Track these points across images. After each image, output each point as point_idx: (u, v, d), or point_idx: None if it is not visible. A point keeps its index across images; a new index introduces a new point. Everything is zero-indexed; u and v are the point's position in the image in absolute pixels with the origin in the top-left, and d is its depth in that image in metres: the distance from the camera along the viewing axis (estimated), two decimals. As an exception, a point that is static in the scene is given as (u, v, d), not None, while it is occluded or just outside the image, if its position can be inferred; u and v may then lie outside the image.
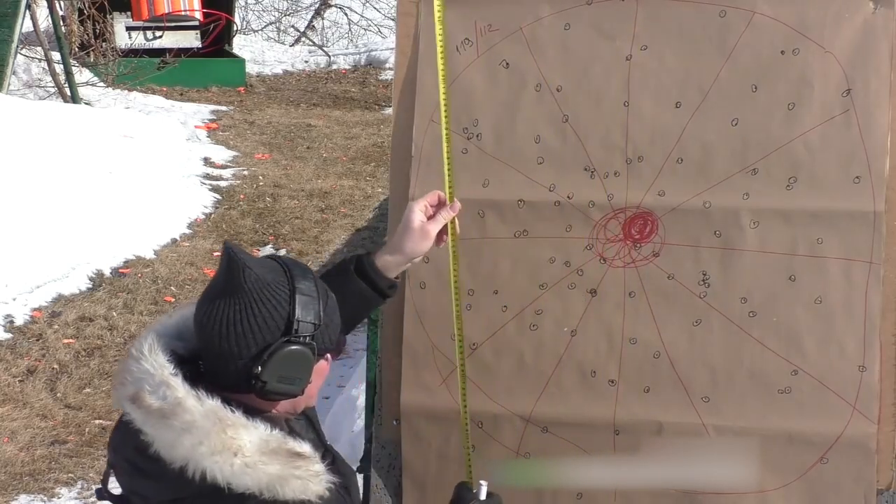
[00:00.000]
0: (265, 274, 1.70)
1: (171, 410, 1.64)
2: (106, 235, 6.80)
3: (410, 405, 2.34)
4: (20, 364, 5.27)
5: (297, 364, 1.70)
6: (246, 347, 1.68)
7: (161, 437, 1.65)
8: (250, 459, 1.63)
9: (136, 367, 1.70)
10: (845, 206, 2.16)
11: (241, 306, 1.68)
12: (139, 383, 1.68)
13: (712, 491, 2.20)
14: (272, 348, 1.68)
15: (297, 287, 1.71)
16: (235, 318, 1.68)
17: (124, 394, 1.70)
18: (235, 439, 1.64)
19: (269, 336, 1.68)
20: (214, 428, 1.64)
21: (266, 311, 1.68)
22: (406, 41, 2.39)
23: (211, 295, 1.71)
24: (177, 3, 11.93)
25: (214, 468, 1.62)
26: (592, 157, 2.28)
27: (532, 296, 2.29)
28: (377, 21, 17.43)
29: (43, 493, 4.25)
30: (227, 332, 1.68)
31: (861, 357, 2.15)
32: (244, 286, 1.68)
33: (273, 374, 1.68)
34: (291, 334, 1.69)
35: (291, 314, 1.69)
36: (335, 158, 9.45)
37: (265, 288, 1.69)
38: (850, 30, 2.16)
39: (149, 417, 1.66)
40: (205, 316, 1.70)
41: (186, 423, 1.63)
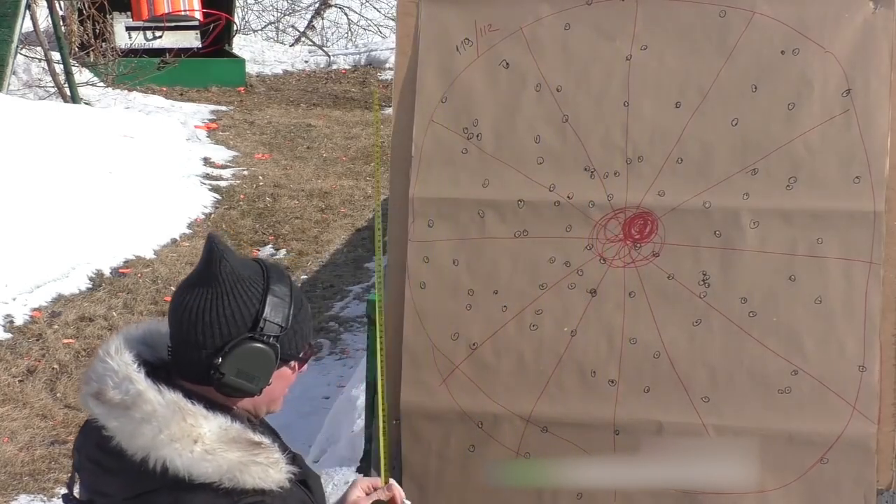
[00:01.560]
0: (242, 269, 1.73)
1: (132, 402, 1.67)
2: (106, 235, 6.80)
3: (410, 405, 2.34)
4: (20, 364, 5.26)
5: (257, 362, 1.72)
6: (211, 337, 1.70)
7: (122, 428, 1.67)
8: (210, 446, 1.65)
9: (102, 366, 1.72)
10: (845, 206, 2.16)
11: (212, 296, 1.71)
12: (103, 380, 1.71)
13: (712, 491, 2.20)
14: (235, 342, 1.70)
15: (271, 288, 1.73)
16: (205, 306, 1.71)
17: (88, 391, 1.72)
18: (195, 427, 1.66)
19: (235, 330, 1.70)
20: (175, 417, 1.66)
21: (235, 304, 1.71)
22: (406, 41, 2.39)
23: (187, 283, 1.75)
24: (177, 3, 11.92)
25: (174, 455, 1.64)
26: (592, 157, 2.28)
27: (532, 296, 2.29)
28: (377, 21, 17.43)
29: (43, 493, 4.25)
30: (195, 320, 1.70)
31: (861, 357, 2.15)
32: (219, 277, 1.71)
33: (232, 367, 1.70)
34: (256, 331, 1.71)
35: (260, 312, 1.71)
36: (335, 158, 9.45)
37: (239, 282, 1.72)
38: (850, 30, 2.16)
39: (112, 411, 1.68)
40: (178, 302, 1.73)
41: (147, 413, 1.66)
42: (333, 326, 6.14)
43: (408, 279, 2.34)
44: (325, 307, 6.38)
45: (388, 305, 2.37)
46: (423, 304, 2.33)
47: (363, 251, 7.26)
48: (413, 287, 2.34)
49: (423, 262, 2.32)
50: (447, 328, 2.31)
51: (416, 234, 2.34)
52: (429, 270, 2.33)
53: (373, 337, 2.46)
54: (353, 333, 6.03)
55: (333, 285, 6.71)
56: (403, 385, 2.34)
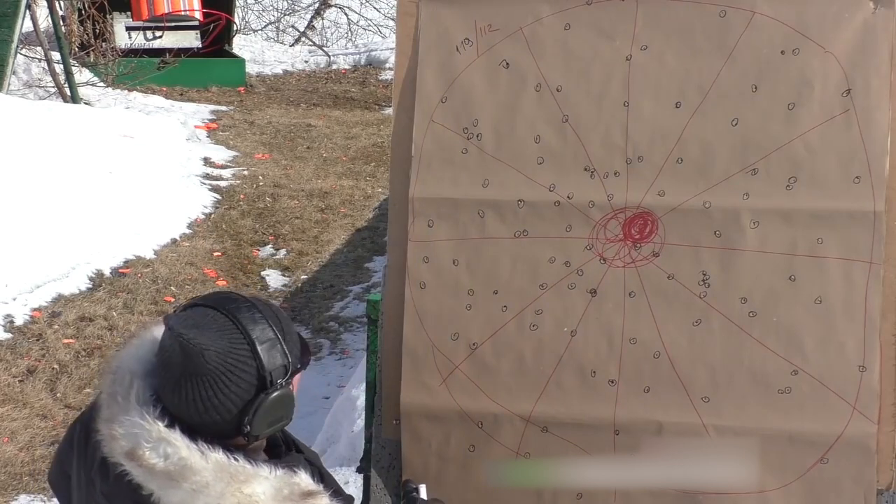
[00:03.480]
0: (219, 343, 1.65)
1: (178, 472, 1.61)
2: (106, 235, 6.80)
3: (410, 405, 2.34)
4: (20, 364, 5.27)
5: (281, 406, 1.69)
6: (227, 412, 1.66)
7: (169, 497, 1.62)
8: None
9: (127, 419, 1.65)
10: (845, 206, 2.16)
11: (210, 383, 1.64)
12: (134, 439, 1.64)
13: (712, 491, 2.20)
14: (255, 405, 1.65)
15: (255, 338, 1.66)
16: (208, 394, 1.64)
17: (118, 449, 1.65)
18: (251, 496, 1.62)
19: (247, 395, 1.66)
20: (229, 488, 1.61)
21: (236, 377, 1.65)
22: (406, 41, 2.39)
23: (174, 381, 1.66)
24: (177, 3, 11.92)
25: None
26: (592, 157, 2.28)
27: (532, 296, 2.29)
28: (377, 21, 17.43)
29: (43, 493, 4.25)
30: (206, 408, 1.65)
31: (861, 357, 2.15)
32: (207, 366, 1.63)
33: (262, 423, 1.67)
34: (267, 387, 1.66)
35: (261, 369, 1.66)
36: (335, 158, 9.45)
37: (228, 356, 1.64)
38: (850, 30, 2.16)
39: (152, 477, 1.62)
40: (179, 405, 1.65)
41: (198, 484, 1.61)
42: (333, 326, 6.15)
43: (408, 279, 2.34)
44: (325, 307, 6.39)
45: (387, 305, 2.37)
46: (423, 304, 2.33)
47: (363, 251, 7.26)
48: (413, 287, 2.34)
49: (423, 262, 2.32)
50: (447, 328, 2.31)
51: (416, 234, 2.34)
52: (429, 270, 2.33)
53: (373, 337, 2.46)
54: (353, 333, 6.03)
55: (333, 285, 6.71)
56: (403, 385, 2.34)
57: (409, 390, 2.34)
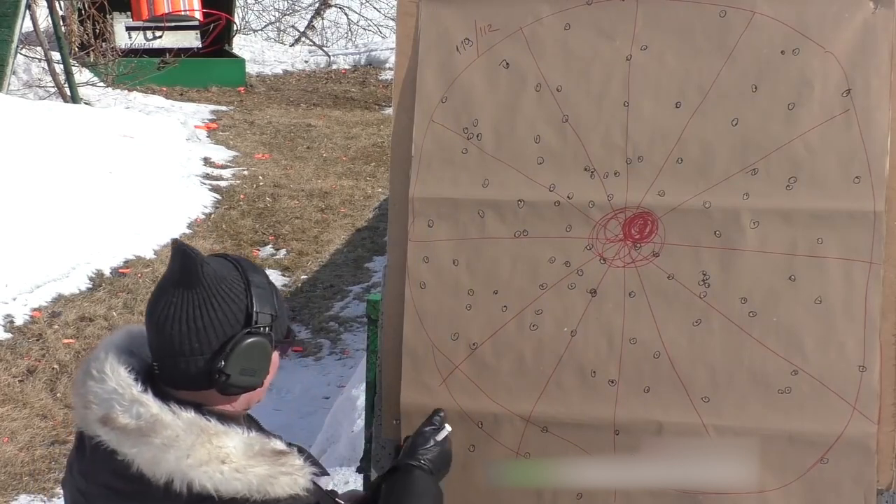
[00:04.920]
0: (219, 269, 1.71)
1: (149, 428, 1.63)
2: (106, 235, 6.80)
3: (410, 405, 2.34)
4: (20, 364, 5.27)
5: (257, 355, 1.71)
6: (207, 342, 1.68)
7: (142, 455, 1.64)
8: (238, 464, 1.64)
9: (101, 388, 1.68)
10: (845, 206, 2.16)
11: (200, 301, 1.68)
12: (107, 404, 1.67)
13: (712, 491, 2.20)
14: (234, 340, 1.68)
15: (251, 280, 1.72)
16: (195, 313, 1.68)
17: (92, 416, 1.68)
18: (221, 447, 1.64)
19: (230, 329, 1.69)
20: (199, 439, 1.64)
21: (226, 304, 1.69)
22: (406, 41, 2.39)
23: (167, 293, 1.70)
24: (177, 3, 11.92)
25: (203, 478, 1.62)
26: (592, 157, 2.28)
27: (532, 296, 2.29)
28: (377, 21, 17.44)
29: (43, 493, 4.25)
30: (188, 329, 1.67)
31: (861, 357, 2.15)
32: (203, 281, 1.68)
33: (236, 366, 1.69)
34: (252, 326, 1.70)
35: (250, 306, 1.70)
36: (335, 158, 9.45)
37: (222, 282, 1.70)
38: (850, 30, 2.16)
39: (125, 437, 1.65)
40: (162, 315, 1.69)
41: (168, 438, 1.63)
42: (333, 326, 6.15)
43: (408, 279, 2.34)
44: (325, 307, 6.39)
45: (387, 305, 2.37)
46: (423, 304, 2.33)
47: (363, 251, 7.26)
48: (413, 287, 2.34)
49: (423, 262, 2.32)
50: (447, 328, 2.31)
51: (416, 234, 2.34)
52: (429, 270, 2.33)
53: (373, 337, 2.46)
54: (353, 333, 6.03)
55: (333, 285, 6.71)
56: (403, 385, 2.34)
57: (409, 390, 2.34)
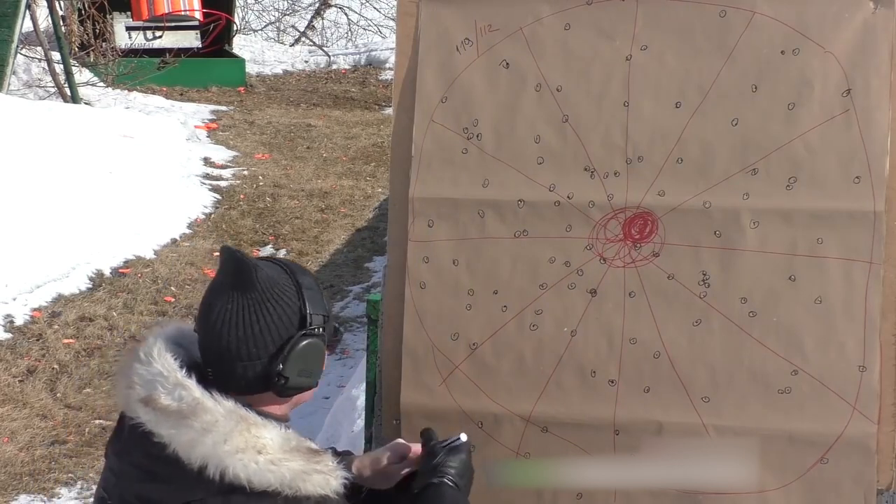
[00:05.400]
0: (271, 273, 1.73)
1: (190, 410, 1.65)
2: (106, 235, 6.80)
3: (410, 405, 2.34)
4: (20, 364, 5.26)
5: (313, 356, 1.74)
6: (264, 347, 1.70)
7: (180, 437, 1.65)
8: (274, 456, 1.66)
9: (146, 370, 1.70)
10: (845, 206, 2.16)
11: (255, 305, 1.70)
12: (151, 385, 1.69)
13: (712, 491, 2.20)
14: (291, 343, 1.70)
15: (301, 282, 1.74)
16: (252, 318, 1.69)
17: (134, 396, 1.70)
18: (259, 438, 1.66)
19: (286, 332, 1.71)
20: (238, 427, 1.66)
21: (280, 308, 1.71)
22: (406, 41, 2.39)
23: (221, 298, 1.72)
24: (177, 3, 11.92)
25: (238, 466, 1.63)
26: (592, 157, 2.28)
27: (532, 296, 2.29)
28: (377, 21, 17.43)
29: (43, 493, 4.25)
30: (245, 334, 1.69)
31: (861, 357, 2.15)
32: (257, 285, 1.70)
33: (294, 368, 1.71)
34: (307, 327, 1.72)
35: (303, 308, 1.72)
36: (335, 158, 9.45)
37: (276, 285, 1.72)
38: (850, 30, 2.16)
39: (165, 419, 1.66)
40: (219, 321, 1.70)
41: (208, 422, 1.65)
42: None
43: (408, 279, 2.34)
44: (325, 307, 6.38)
45: (387, 305, 2.37)
46: (423, 304, 2.33)
47: (363, 251, 7.26)
48: (413, 287, 2.34)
49: (423, 262, 2.32)
50: (447, 328, 2.31)
51: (416, 234, 2.34)
52: (429, 270, 2.33)
53: (373, 337, 2.46)
54: (353, 333, 6.02)
55: (333, 285, 6.71)
56: (403, 385, 2.34)
57: (409, 390, 2.34)
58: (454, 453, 1.93)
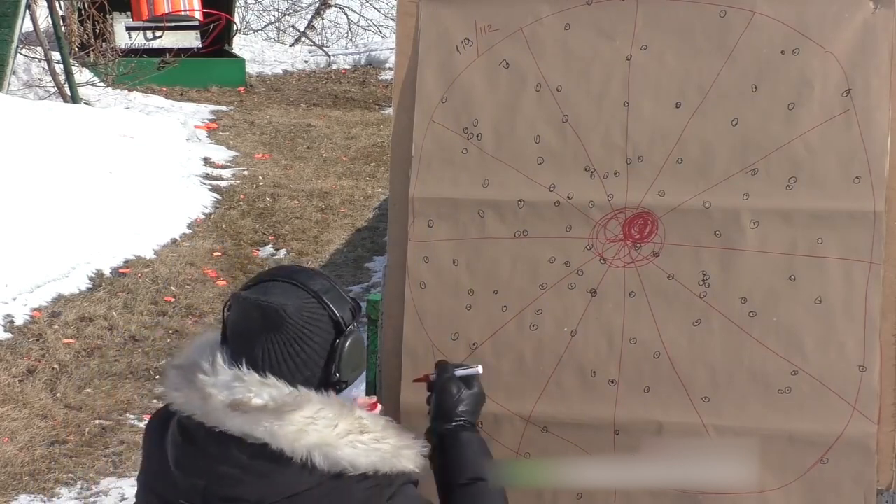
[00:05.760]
0: (291, 300, 1.75)
1: (295, 404, 1.69)
2: (106, 235, 6.79)
3: (410, 405, 2.34)
4: (20, 364, 5.26)
5: (357, 350, 1.81)
6: (315, 366, 1.76)
7: (283, 431, 1.68)
8: (374, 435, 1.73)
9: (219, 379, 1.72)
10: (845, 206, 2.16)
11: (294, 337, 1.74)
12: (235, 390, 1.71)
13: (712, 491, 2.20)
14: (336, 352, 1.76)
15: (317, 290, 1.78)
16: (295, 349, 1.74)
17: (215, 405, 1.71)
18: (361, 419, 1.74)
19: (327, 345, 1.77)
20: (342, 411, 1.72)
21: (315, 327, 1.76)
22: (406, 41, 2.39)
23: (259, 344, 1.74)
24: (177, 3, 11.91)
25: (346, 449, 1.69)
26: (592, 157, 2.28)
27: (532, 296, 2.29)
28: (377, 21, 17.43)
29: (43, 493, 4.25)
30: (296, 365, 1.74)
31: (861, 357, 2.15)
32: (288, 320, 1.73)
33: (348, 369, 1.78)
34: (343, 329, 1.78)
35: (332, 315, 1.77)
36: (335, 158, 9.44)
37: (302, 310, 1.75)
38: (850, 30, 2.16)
39: (261, 418, 1.69)
40: (266, 363, 1.74)
41: (315, 412, 1.70)
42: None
43: (408, 279, 2.34)
44: (325, 307, 6.38)
45: (387, 305, 2.37)
46: (423, 304, 2.33)
47: (363, 251, 7.26)
48: (413, 287, 2.34)
49: (423, 262, 2.32)
50: (447, 328, 2.31)
51: (416, 234, 2.34)
52: (429, 270, 2.33)
53: (373, 337, 2.46)
54: (353, 333, 6.02)
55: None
56: (403, 385, 2.34)
57: (409, 390, 2.34)
58: (467, 387, 2.03)
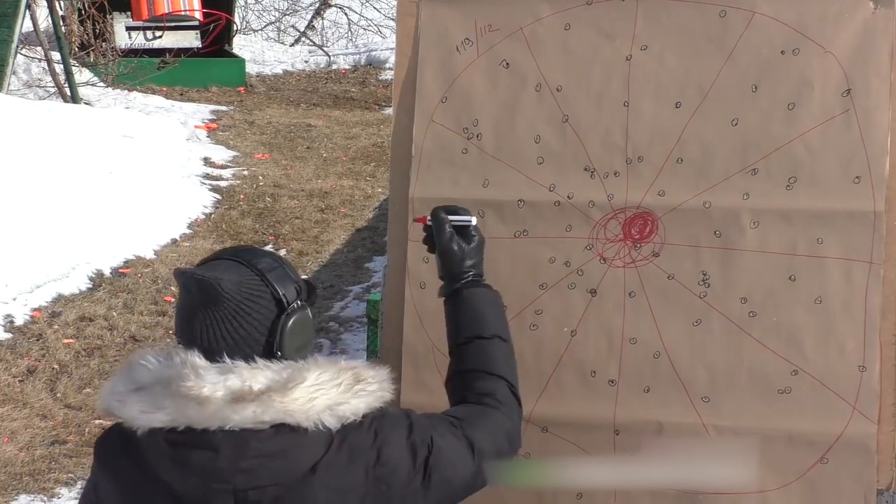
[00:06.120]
0: (231, 275, 1.72)
1: (298, 376, 1.69)
2: (106, 235, 6.79)
3: (410, 405, 2.34)
4: (20, 364, 5.26)
5: (301, 328, 1.76)
6: (256, 343, 1.72)
7: (293, 406, 1.67)
8: (367, 377, 1.75)
9: (209, 381, 1.67)
10: (845, 206, 2.16)
11: (232, 313, 1.70)
12: (231, 385, 1.68)
13: (712, 491, 2.20)
14: (278, 329, 1.72)
15: (261, 268, 1.75)
16: (234, 324, 1.70)
17: (217, 405, 1.67)
18: (352, 367, 1.76)
19: (268, 322, 1.73)
20: (337, 366, 1.74)
21: (255, 303, 1.72)
22: (406, 41, 2.39)
23: (197, 318, 1.71)
24: (177, 3, 11.91)
25: (354, 401, 1.71)
26: (592, 157, 2.28)
27: (532, 296, 2.29)
28: (377, 21, 17.43)
29: (43, 493, 4.25)
30: (235, 341, 1.71)
31: (861, 357, 2.15)
32: (225, 295, 1.70)
33: (291, 348, 1.74)
34: (286, 308, 1.73)
35: (275, 292, 1.73)
36: (335, 158, 9.44)
37: (241, 285, 1.72)
38: (850, 30, 2.16)
39: (268, 400, 1.67)
40: (205, 339, 1.71)
41: (316, 376, 1.70)
42: (333, 326, 6.14)
43: (408, 279, 2.34)
44: (325, 307, 6.37)
45: (387, 305, 2.37)
46: (423, 304, 2.33)
47: (363, 251, 7.26)
48: (413, 287, 2.34)
49: (423, 262, 2.31)
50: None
51: (416, 233, 2.34)
52: (429, 270, 2.33)
53: (373, 337, 2.46)
54: (353, 333, 6.02)
55: (333, 285, 6.70)
56: (403, 385, 2.34)
57: (408, 390, 2.34)
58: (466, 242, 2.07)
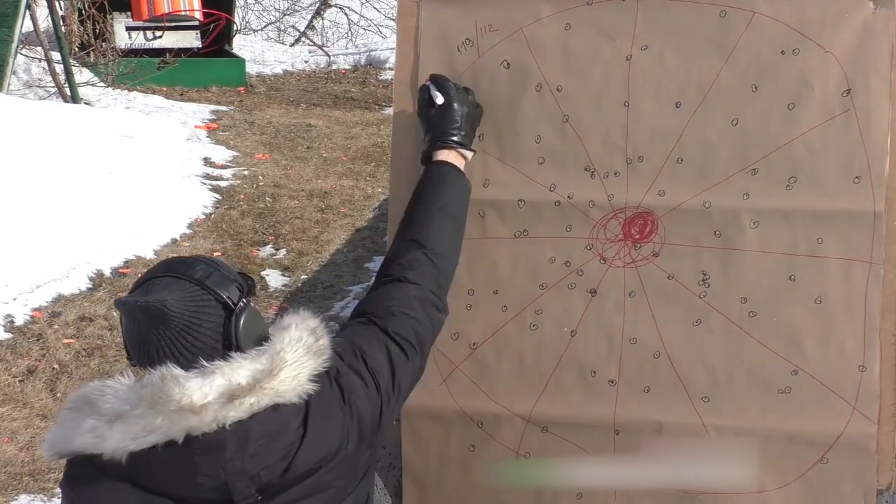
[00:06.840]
0: (172, 293, 1.73)
1: (277, 358, 1.74)
2: (106, 235, 6.79)
3: (410, 405, 2.34)
4: (20, 364, 5.26)
5: (252, 324, 1.79)
6: (213, 350, 1.74)
7: (283, 386, 1.73)
8: (318, 335, 1.86)
9: (191, 389, 1.68)
10: (845, 206, 2.16)
11: (183, 328, 1.72)
12: (220, 387, 1.70)
13: (712, 491, 2.21)
14: (231, 332, 1.75)
15: (198, 277, 1.76)
16: (187, 340, 1.73)
17: (215, 409, 1.68)
18: (312, 325, 1.87)
19: (219, 327, 1.75)
20: (298, 340, 1.80)
21: (202, 313, 1.74)
22: (406, 41, 2.39)
23: (150, 341, 1.72)
24: (177, 3, 11.90)
25: (338, 361, 1.84)
26: (592, 157, 2.28)
27: (532, 296, 2.29)
28: (377, 21, 17.43)
29: (43, 493, 4.25)
30: (192, 354, 1.72)
31: (861, 357, 2.15)
32: (171, 312, 1.72)
33: (248, 343, 1.77)
34: (233, 309, 1.76)
35: (218, 297, 1.76)
36: (335, 158, 9.44)
37: (184, 300, 1.73)
38: (850, 30, 2.16)
39: (261, 391, 1.71)
40: (161, 357, 1.72)
41: (294, 350, 1.77)
42: (333, 327, 6.13)
43: (408, 279, 2.34)
44: (325, 307, 6.38)
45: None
46: (423, 303, 2.33)
47: (363, 251, 7.26)
48: (413, 287, 2.34)
49: (424, 262, 2.31)
50: (447, 328, 2.31)
51: (417, 234, 2.34)
52: (429, 270, 2.33)
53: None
54: (353, 333, 6.01)
55: (333, 285, 6.70)
56: (403, 385, 2.34)
57: (409, 390, 2.33)
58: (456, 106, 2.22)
